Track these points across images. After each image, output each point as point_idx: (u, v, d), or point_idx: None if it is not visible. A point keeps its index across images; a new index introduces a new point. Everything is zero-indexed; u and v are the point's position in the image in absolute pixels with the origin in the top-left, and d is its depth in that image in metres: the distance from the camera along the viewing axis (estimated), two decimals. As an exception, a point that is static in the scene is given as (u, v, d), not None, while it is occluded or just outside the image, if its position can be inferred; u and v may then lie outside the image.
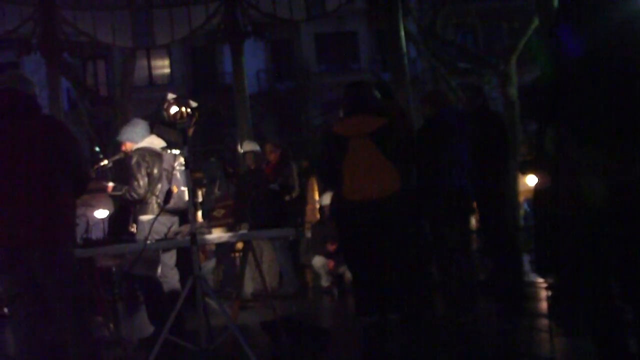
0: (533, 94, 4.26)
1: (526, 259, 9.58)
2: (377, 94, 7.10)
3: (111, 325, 7.30)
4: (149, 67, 32.69)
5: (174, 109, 5.77)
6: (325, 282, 11.66)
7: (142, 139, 7.57)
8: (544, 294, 7.66)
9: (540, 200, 6.56)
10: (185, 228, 6.93)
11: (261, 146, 11.61)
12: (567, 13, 4.01)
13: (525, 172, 8.61)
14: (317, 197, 12.53)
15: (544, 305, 7.54)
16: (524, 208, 19.16)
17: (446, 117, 7.38)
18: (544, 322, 6.47)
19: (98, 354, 4.86)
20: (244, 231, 9.10)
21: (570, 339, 5.73)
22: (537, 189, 6.74)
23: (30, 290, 4.59)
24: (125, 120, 11.65)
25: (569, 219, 4.03)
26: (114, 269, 11.64)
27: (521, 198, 18.43)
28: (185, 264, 6.87)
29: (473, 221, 9.03)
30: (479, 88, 8.55)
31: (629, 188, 3.70)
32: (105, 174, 7.81)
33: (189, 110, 5.78)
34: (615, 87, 3.74)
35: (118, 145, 7.92)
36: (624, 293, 3.98)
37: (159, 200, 7.35)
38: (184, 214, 7.36)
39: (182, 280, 7.28)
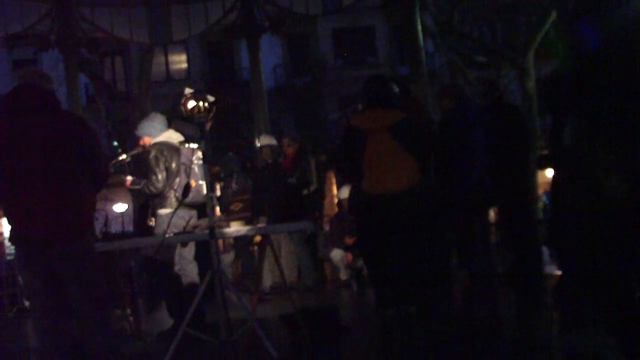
0: (551, 86, 4.25)
1: (546, 251, 9.53)
2: (396, 88, 7.11)
3: (131, 319, 7.34)
4: (167, 63, 32.75)
5: (191, 104, 5.79)
6: (343, 275, 11.66)
7: (160, 133, 7.59)
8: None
9: (558, 193, 6.54)
10: (204, 222, 6.95)
11: (278, 140, 11.61)
12: (587, 6, 4.00)
13: (542, 167, 8.59)
14: (335, 190, 12.53)
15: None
16: (543, 201, 19.08)
17: (464, 111, 7.38)
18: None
19: (117, 348, 4.89)
20: (262, 225, 9.12)
21: (583, 330, 5.71)
22: (555, 182, 6.72)
23: (50, 285, 4.62)
24: (143, 115, 11.67)
25: (588, 212, 4.02)
26: (133, 263, 11.67)
27: (540, 191, 18.37)
28: (204, 257, 6.90)
29: (492, 214, 8.99)
30: (494, 81, 8.54)
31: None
32: (123, 168, 7.83)
33: (206, 104, 5.81)
34: (634, 81, 3.73)
35: (136, 139, 7.95)
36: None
37: (177, 194, 7.37)
38: (202, 208, 7.39)
39: (201, 273, 7.30)
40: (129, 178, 7.54)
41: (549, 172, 13.55)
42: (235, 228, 6.92)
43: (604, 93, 3.80)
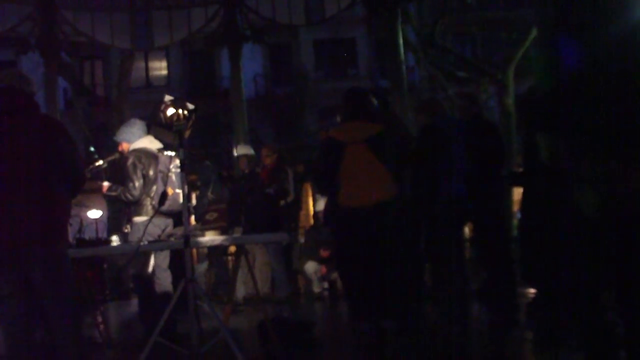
0: (528, 103, 4.26)
1: (519, 269, 9.56)
2: (374, 101, 7.12)
3: (101, 326, 7.28)
4: (147, 69, 32.64)
5: (170, 111, 5.76)
6: (317, 288, 11.63)
7: (138, 140, 7.56)
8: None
9: (529, 210, 6.56)
10: (179, 230, 6.92)
11: (257, 150, 11.58)
12: (567, 25, 4.02)
13: (513, 184, 8.61)
14: (311, 202, 12.52)
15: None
16: (518, 218, 19.13)
17: (442, 126, 7.39)
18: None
19: (87, 355, 4.84)
20: (237, 235, 9.09)
21: (553, 350, 5.72)
22: (525, 199, 6.75)
23: (22, 290, 4.57)
24: (122, 121, 11.62)
25: (560, 229, 4.03)
26: (105, 269, 11.62)
27: (515, 208, 18.42)
28: (178, 266, 6.87)
29: (467, 230, 9.01)
30: (474, 97, 8.56)
31: (623, 200, 3.70)
32: (100, 174, 7.79)
33: (185, 112, 5.78)
34: (611, 100, 3.75)
35: (114, 145, 7.91)
36: (617, 305, 3.99)
37: (153, 202, 7.34)
38: (178, 217, 7.36)
39: (175, 282, 7.26)
40: (106, 184, 7.50)
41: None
42: (210, 237, 6.87)
43: (580, 111, 3.81)
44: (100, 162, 7.76)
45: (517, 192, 16.22)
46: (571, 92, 3.86)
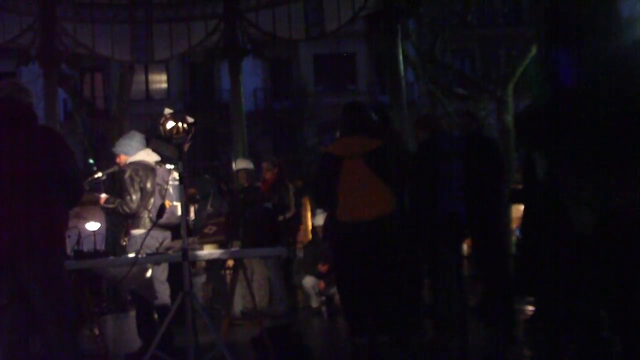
0: (525, 120, 4.26)
1: (518, 285, 9.57)
2: (374, 116, 7.12)
3: (99, 339, 7.26)
4: (147, 82, 32.71)
5: (170, 124, 5.76)
6: (315, 303, 11.61)
7: (137, 152, 7.56)
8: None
9: (527, 226, 6.56)
10: (177, 243, 6.91)
11: (256, 164, 11.57)
12: (563, 41, 4.03)
13: (514, 201, 8.61)
14: (309, 217, 12.51)
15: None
16: (516, 235, 19.14)
17: (440, 142, 7.40)
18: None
19: (84, 368, 4.83)
20: (235, 248, 9.08)
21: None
22: (525, 216, 6.75)
23: (18, 301, 4.56)
24: (121, 134, 11.63)
25: (556, 246, 4.03)
26: (103, 281, 11.60)
27: (514, 225, 18.43)
28: (176, 279, 6.85)
29: (465, 246, 9.01)
30: (473, 113, 8.59)
31: (617, 217, 3.70)
32: (98, 186, 7.79)
33: (185, 125, 5.78)
34: (605, 118, 3.75)
35: (113, 157, 7.91)
36: (613, 322, 3.98)
37: (151, 215, 7.34)
38: (176, 230, 7.35)
39: (173, 295, 7.25)
40: (103, 196, 7.49)
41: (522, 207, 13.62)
42: (209, 251, 6.86)
43: (575, 129, 3.82)
44: (99, 174, 7.76)
45: (516, 210, 16.24)
46: (566, 110, 3.86)
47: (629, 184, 3.73)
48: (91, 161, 21.60)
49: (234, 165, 11.83)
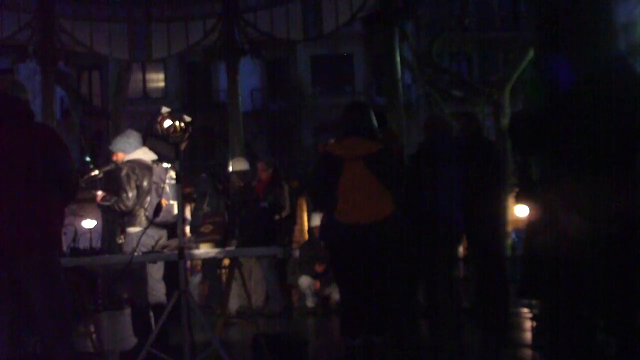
0: (518, 124, 4.24)
1: (513, 288, 9.58)
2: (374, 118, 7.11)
3: (94, 337, 7.27)
4: (144, 80, 32.71)
5: (167, 123, 5.77)
6: (310, 303, 11.62)
7: (133, 150, 7.57)
8: (529, 324, 7.66)
9: (530, 228, 6.57)
10: (173, 242, 6.92)
11: (252, 164, 11.58)
12: (561, 44, 4.02)
13: (519, 201, 8.62)
14: (305, 217, 12.52)
15: (528, 336, 7.54)
16: (512, 238, 19.17)
17: (439, 144, 7.39)
18: (529, 352, 6.47)
19: (80, 365, 4.83)
20: (231, 248, 9.08)
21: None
22: (530, 218, 6.75)
23: (13, 298, 4.56)
24: (118, 132, 11.64)
25: (553, 249, 4.03)
26: (98, 278, 11.59)
27: (510, 228, 18.46)
28: (172, 277, 6.85)
29: (461, 248, 9.01)
30: (473, 114, 8.59)
31: (610, 222, 3.71)
32: (95, 184, 7.79)
33: (182, 124, 5.79)
34: (600, 122, 3.75)
35: (109, 155, 7.91)
36: (608, 327, 3.99)
37: (147, 213, 7.35)
38: (172, 228, 7.36)
39: (169, 293, 7.25)
40: (100, 193, 7.49)
41: (519, 210, 13.63)
42: (205, 250, 6.87)
43: (569, 133, 3.81)
44: (96, 172, 7.75)
45: (511, 213, 16.26)
46: (560, 113, 3.86)
47: (625, 190, 3.73)
48: (88, 159, 21.58)
49: (230, 165, 11.83)
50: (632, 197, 3.74)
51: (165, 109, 5.91)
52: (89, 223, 19.58)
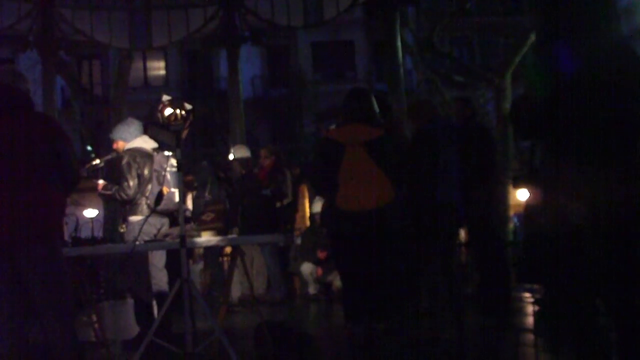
0: (520, 109, 4.23)
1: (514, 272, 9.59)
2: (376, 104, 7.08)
3: (96, 326, 7.28)
4: (145, 69, 32.68)
5: (168, 111, 5.76)
6: (312, 290, 11.63)
7: (134, 139, 7.56)
8: (530, 308, 7.66)
9: (530, 213, 6.57)
10: (175, 230, 6.92)
11: (253, 151, 11.58)
12: (563, 29, 4.01)
13: (517, 186, 8.62)
14: (307, 204, 12.52)
15: (530, 320, 7.54)
16: (514, 222, 19.18)
17: (433, 131, 7.38)
18: (530, 337, 6.47)
19: (82, 354, 4.83)
20: (233, 235, 9.09)
21: (556, 356, 5.73)
22: (529, 203, 6.75)
23: (15, 288, 4.56)
24: (119, 121, 11.63)
25: (553, 234, 4.02)
26: (100, 267, 11.60)
27: (511, 212, 18.47)
28: (174, 266, 6.86)
29: (462, 234, 9.01)
30: (467, 98, 8.57)
31: (610, 208, 3.71)
32: (96, 173, 7.79)
33: (183, 112, 5.78)
34: (602, 108, 3.75)
35: (111, 144, 7.91)
36: (609, 311, 3.99)
37: (148, 202, 7.35)
38: (173, 216, 7.36)
39: (171, 282, 7.26)
40: (101, 182, 7.50)
41: (521, 194, 13.64)
42: (206, 238, 6.87)
43: (571, 118, 3.81)
44: (97, 161, 7.75)
45: (512, 197, 16.26)
46: (563, 99, 3.85)
47: (626, 176, 3.73)
48: (89, 148, 21.58)
49: (231, 152, 11.83)
50: (633, 183, 3.74)
51: (166, 97, 5.90)
52: (90, 212, 19.64)
